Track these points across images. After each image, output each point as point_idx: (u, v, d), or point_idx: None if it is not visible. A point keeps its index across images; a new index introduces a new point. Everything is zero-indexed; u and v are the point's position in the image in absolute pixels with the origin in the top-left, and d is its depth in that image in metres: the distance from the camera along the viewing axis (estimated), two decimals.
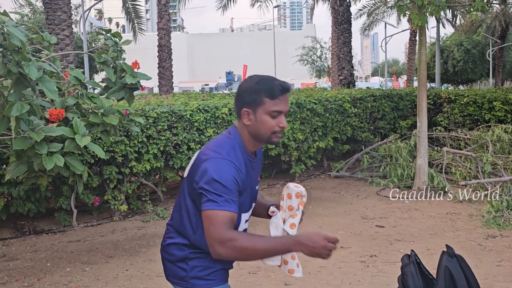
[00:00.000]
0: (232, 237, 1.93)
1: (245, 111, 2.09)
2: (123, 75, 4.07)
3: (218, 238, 1.93)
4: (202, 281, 2.15)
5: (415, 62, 34.93)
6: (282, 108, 2.08)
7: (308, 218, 6.97)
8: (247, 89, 2.09)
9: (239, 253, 1.94)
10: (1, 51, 3.19)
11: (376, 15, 36.13)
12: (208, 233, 1.96)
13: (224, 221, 1.94)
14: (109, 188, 7.07)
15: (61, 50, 12.07)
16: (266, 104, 2.05)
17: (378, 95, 11.23)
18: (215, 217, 1.94)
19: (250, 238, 1.97)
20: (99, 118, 3.82)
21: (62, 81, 4.05)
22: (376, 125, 11.24)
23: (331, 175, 9.91)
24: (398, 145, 9.61)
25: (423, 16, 7.92)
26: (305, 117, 9.41)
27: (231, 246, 1.92)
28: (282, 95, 2.06)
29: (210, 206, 1.95)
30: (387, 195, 8.17)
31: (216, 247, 1.94)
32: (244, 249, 1.94)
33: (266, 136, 2.10)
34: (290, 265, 2.17)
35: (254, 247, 1.95)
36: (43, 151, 3.30)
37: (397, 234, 6.12)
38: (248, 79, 2.14)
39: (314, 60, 45.68)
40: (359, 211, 7.33)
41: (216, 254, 1.96)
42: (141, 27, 25.04)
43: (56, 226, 6.85)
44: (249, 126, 2.10)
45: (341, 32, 18.16)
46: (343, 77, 18.27)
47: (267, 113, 2.06)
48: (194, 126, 7.79)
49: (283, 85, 2.07)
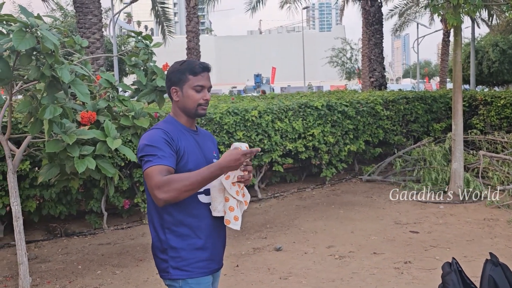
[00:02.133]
0: (166, 179, 2.16)
1: (174, 89, 2.45)
2: (153, 77, 4.10)
3: (155, 185, 2.15)
4: (181, 272, 2.34)
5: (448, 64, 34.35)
6: (204, 83, 2.44)
7: (339, 223, 6.90)
8: (174, 71, 2.46)
9: (177, 190, 2.15)
10: (35, 55, 3.24)
11: (408, 16, 35.66)
12: (149, 187, 2.18)
13: (159, 171, 2.18)
14: (139, 191, 7.13)
15: (91, 53, 12.26)
16: (190, 81, 2.42)
17: (411, 97, 11.07)
18: (151, 172, 2.19)
19: (182, 174, 2.21)
20: (130, 121, 3.84)
21: (93, 84, 4.09)
22: (409, 128, 11.08)
23: (362, 179, 9.80)
24: (432, 148, 9.45)
25: (458, 16, 7.77)
26: (336, 120, 9.33)
27: (167, 187, 2.14)
28: (203, 72, 2.43)
29: (146, 166, 2.22)
30: (421, 200, 8.03)
31: (157, 194, 2.15)
32: (179, 183, 2.15)
33: (193, 108, 2.43)
34: (227, 216, 2.35)
35: (187, 178, 2.17)
36: (75, 153, 3.33)
37: (432, 240, 6.00)
38: (173, 64, 2.52)
39: (344, 62, 45.36)
40: (392, 216, 7.22)
41: (159, 201, 2.16)
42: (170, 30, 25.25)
43: (87, 228, 6.94)
44: (178, 102, 2.45)
45: (372, 33, 17.97)
46: (374, 79, 18.07)
47: (192, 88, 2.42)
48: (223, 129, 7.80)
49: (203, 64, 2.46)
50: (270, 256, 5.65)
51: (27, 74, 3.64)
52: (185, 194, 2.18)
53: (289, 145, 8.60)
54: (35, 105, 3.48)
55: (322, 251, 5.75)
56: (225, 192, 2.34)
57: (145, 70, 4.16)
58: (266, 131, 8.32)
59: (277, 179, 9.43)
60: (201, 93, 2.44)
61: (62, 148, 3.38)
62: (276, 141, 8.40)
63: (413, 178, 9.17)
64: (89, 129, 3.53)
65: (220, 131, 7.79)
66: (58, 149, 3.38)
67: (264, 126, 8.25)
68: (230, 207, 2.34)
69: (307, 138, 8.88)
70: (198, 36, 19.39)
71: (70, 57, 4.35)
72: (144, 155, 2.26)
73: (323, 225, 6.87)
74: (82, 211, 7.19)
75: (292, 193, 8.95)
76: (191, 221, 2.35)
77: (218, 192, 2.35)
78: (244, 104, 8.55)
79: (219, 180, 2.33)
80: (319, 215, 7.39)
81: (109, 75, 3.92)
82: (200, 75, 2.43)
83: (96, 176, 3.71)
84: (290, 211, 7.70)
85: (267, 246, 5.99)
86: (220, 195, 2.35)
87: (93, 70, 5.08)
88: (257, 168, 8.66)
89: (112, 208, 7.38)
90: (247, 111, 8.12)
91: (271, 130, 8.35)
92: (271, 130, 8.34)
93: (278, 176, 9.42)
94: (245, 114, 8.07)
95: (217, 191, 2.35)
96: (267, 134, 8.34)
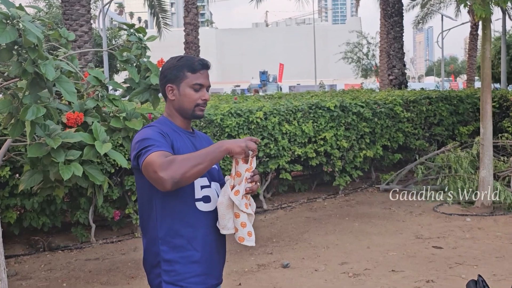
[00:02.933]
0: (171, 158, 2.19)
1: (169, 87, 2.48)
2: (147, 74, 4.10)
3: (160, 167, 2.16)
4: (175, 287, 2.35)
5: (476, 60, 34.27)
6: (203, 82, 2.47)
7: (354, 237, 6.90)
8: (170, 67, 2.49)
9: (185, 166, 2.16)
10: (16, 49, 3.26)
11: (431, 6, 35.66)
12: (152, 172, 2.18)
13: (161, 154, 2.21)
14: (131, 200, 7.15)
15: (79, 47, 12.33)
16: (188, 78, 2.45)
17: (434, 97, 11.07)
18: (151, 159, 2.20)
19: (185, 154, 2.26)
20: (121, 123, 3.85)
21: (81, 81, 4.11)
22: (432, 132, 11.07)
23: (380, 188, 9.79)
24: (458, 154, 9.43)
25: (487, 7, 7.77)
26: (351, 122, 9.34)
27: (173, 165, 2.16)
28: (202, 69, 2.47)
29: (144, 156, 2.23)
30: (445, 212, 8.02)
31: (162, 175, 2.15)
32: (184, 159, 2.18)
33: (190, 109, 2.47)
34: (240, 233, 2.37)
35: (192, 155, 2.21)
36: (60, 159, 3.34)
37: (457, 257, 5.99)
38: (169, 59, 2.55)
39: (359, 57, 45.35)
40: (412, 229, 7.22)
41: (167, 182, 2.15)
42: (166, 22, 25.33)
43: (73, 242, 6.96)
44: (173, 101, 2.49)
45: (392, 25, 17.99)
46: (393, 77, 18.08)
47: (190, 86, 2.45)
48: (225, 132, 7.83)
49: (203, 61, 2.49)
50: (276, 273, 5.66)
51: (8, 71, 3.66)
52: (194, 171, 2.18)
53: (298, 150, 8.61)
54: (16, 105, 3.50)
55: (335, 268, 5.75)
56: (235, 207, 2.36)
57: (138, 67, 4.17)
58: (273, 135, 8.34)
59: (285, 188, 9.43)
60: (199, 93, 2.47)
61: (46, 153, 3.39)
62: (283, 145, 8.41)
63: (437, 187, 9.15)
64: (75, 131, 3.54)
65: (221, 134, 7.82)
66: (41, 154, 3.39)
67: (270, 129, 8.26)
68: (242, 223, 2.37)
69: (318, 143, 8.89)
70: (197, 29, 19.46)
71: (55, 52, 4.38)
72: (140, 149, 2.28)
73: (336, 239, 6.87)
74: (67, 223, 7.22)
75: (301, 204, 8.95)
76: (187, 231, 2.37)
77: (226, 209, 2.37)
78: (248, 105, 8.58)
79: (227, 196, 2.36)
80: (331, 229, 7.39)
81: (98, 71, 3.94)
82: (199, 73, 2.47)
83: (83, 184, 3.73)
84: (299, 224, 7.70)
85: (273, 263, 5.99)
86: (228, 212, 2.38)
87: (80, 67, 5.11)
88: (262, 176, 8.68)
89: (101, 219, 7.40)
90: (252, 112, 8.14)
91: (278, 134, 8.36)
92: (278, 134, 8.35)
93: (286, 185, 9.43)
94: (249, 115, 8.09)
95: (225, 207, 2.37)
96: (273, 138, 8.35)
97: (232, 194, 2.33)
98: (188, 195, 2.38)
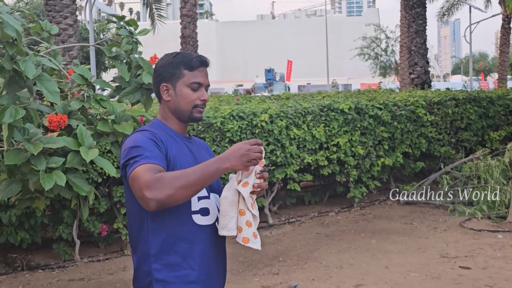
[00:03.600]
0: (158, 176, 2.19)
1: (164, 86, 2.49)
2: (139, 72, 4.12)
3: (145, 184, 2.17)
4: None
5: (509, 56, 34.24)
6: (202, 81, 2.49)
7: (370, 256, 6.88)
8: (165, 64, 2.50)
9: (172, 187, 2.16)
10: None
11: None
12: (138, 189, 2.20)
13: (149, 169, 2.21)
14: (120, 214, 7.16)
15: (62, 42, 12.38)
16: (185, 77, 2.47)
17: (461, 98, 11.04)
18: (137, 173, 2.21)
19: (175, 171, 2.26)
20: (109, 126, 3.85)
21: (65, 80, 4.12)
22: (458, 137, 11.05)
23: (400, 200, 9.77)
24: (488, 162, 9.40)
25: None
26: (367, 127, 9.33)
27: (159, 184, 2.16)
28: (201, 67, 2.50)
29: (131, 168, 2.25)
30: (474, 228, 7.99)
31: (147, 194, 2.15)
32: (174, 178, 2.18)
33: (188, 110, 2.48)
34: (244, 233, 2.35)
35: (183, 173, 2.21)
36: (41, 166, 3.35)
37: (487, 279, 5.97)
38: (164, 56, 2.56)
39: (377, 54, 45.33)
40: (437, 247, 7.19)
41: (151, 202, 2.16)
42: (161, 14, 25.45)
43: (55, 260, 6.96)
44: (169, 102, 2.50)
45: (413, 18, 17.99)
46: (415, 76, 18.07)
47: (187, 85, 2.47)
48: (226, 137, 7.83)
49: (202, 58, 2.51)
50: None
51: None
52: (181, 193, 2.18)
53: (308, 157, 8.61)
54: None
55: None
56: (240, 203, 2.34)
57: (129, 64, 4.19)
58: (279, 140, 8.34)
59: (293, 200, 9.42)
60: (197, 92, 2.49)
61: (25, 160, 3.40)
62: (291, 152, 8.41)
63: (464, 200, 9.13)
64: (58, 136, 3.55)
65: (222, 139, 7.82)
66: (20, 161, 3.40)
67: (276, 133, 8.27)
68: (248, 222, 2.35)
69: (331, 149, 8.89)
70: (195, 22, 19.50)
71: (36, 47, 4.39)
72: (129, 159, 2.30)
73: (350, 258, 6.85)
74: (48, 238, 7.22)
75: (312, 218, 8.94)
76: (182, 248, 2.37)
77: (230, 205, 2.35)
78: (251, 106, 8.58)
79: (232, 190, 2.35)
80: (345, 246, 7.37)
81: (84, 69, 3.94)
82: (197, 70, 2.49)
83: (67, 195, 3.73)
84: (308, 241, 7.69)
85: (279, 284, 5.98)
86: (232, 209, 2.35)
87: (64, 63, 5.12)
88: (267, 187, 8.66)
89: (86, 235, 7.40)
90: (256, 115, 8.15)
91: (286, 139, 8.37)
92: (285, 139, 8.36)
93: (294, 197, 9.42)
94: (253, 118, 8.10)
95: (229, 203, 2.35)
96: (280, 144, 8.36)
97: (240, 186, 2.32)
98: (184, 207, 2.37)
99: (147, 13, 25.59)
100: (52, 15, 12.44)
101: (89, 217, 7.03)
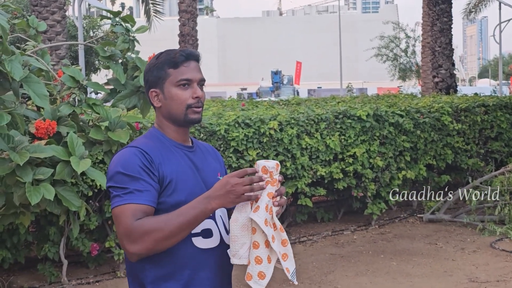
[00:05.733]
0: (139, 224, 2.20)
1: (153, 92, 2.49)
2: (135, 74, 4.10)
3: (124, 233, 2.21)
4: None
5: None
6: (191, 76, 2.46)
7: (391, 279, 6.85)
8: (150, 68, 2.51)
9: (152, 241, 2.20)
10: None
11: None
12: (118, 234, 2.26)
13: (131, 213, 2.23)
14: (112, 231, 7.14)
15: (49, 40, 12.41)
16: (171, 76, 2.45)
17: (491, 104, 11.03)
18: (120, 214, 2.25)
19: (159, 217, 2.25)
20: (102, 134, 3.84)
21: (54, 82, 4.11)
22: (488, 148, 11.03)
23: (423, 218, 9.74)
24: None
25: None
26: (387, 136, 9.31)
27: (140, 233, 2.19)
28: (186, 61, 2.47)
29: (114, 203, 2.28)
30: (506, 249, 7.96)
31: (126, 245, 2.21)
32: (155, 229, 2.20)
33: (181, 113, 2.45)
34: (250, 268, 2.29)
35: (165, 222, 2.22)
36: (27, 178, 3.33)
37: None
38: (150, 60, 2.58)
39: (396, 55, 45.37)
40: (465, 270, 7.17)
41: (131, 255, 2.23)
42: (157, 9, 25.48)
43: (40, 282, 6.94)
44: (161, 108, 2.50)
45: (438, 15, 18.01)
46: (439, 79, 18.07)
47: (175, 85, 2.45)
48: (230, 146, 7.82)
49: (185, 51, 2.50)
50: None
51: None
52: (164, 244, 2.22)
53: (321, 169, 8.59)
54: None
55: None
56: (257, 234, 2.26)
57: (125, 64, 4.18)
58: (290, 150, 8.33)
59: (304, 217, 9.39)
60: (188, 90, 2.47)
61: (10, 171, 3.38)
62: (303, 164, 8.40)
63: (495, 218, 9.10)
64: (46, 144, 3.54)
65: (226, 149, 7.81)
66: (3, 172, 3.38)
67: (286, 143, 8.26)
68: (257, 258, 2.29)
69: (346, 161, 8.87)
70: (195, 18, 19.58)
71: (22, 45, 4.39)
72: (113, 186, 2.33)
73: (369, 282, 6.83)
74: (33, 258, 7.20)
75: (325, 237, 8.91)
76: (182, 274, 2.35)
77: (240, 230, 2.29)
78: (258, 113, 8.57)
79: (244, 213, 2.30)
80: (363, 268, 7.35)
81: (75, 70, 3.93)
82: (183, 66, 2.46)
83: (55, 210, 3.71)
84: (322, 262, 7.67)
85: None
86: (244, 234, 2.29)
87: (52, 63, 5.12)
88: None
89: (75, 254, 7.39)
90: (263, 122, 8.14)
91: (296, 149, 8.35)
92: (296, 149, 8.35)
93: (306, 213, 9.39)
94: (261, 126, 8.09)
95: (240, 227, 2.30)
96: (290, 154, 8.35)
97: (252, 213, 2.26)
98: None
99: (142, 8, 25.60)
100: (38, 10, 12.49)
101: (78, 234, 7.00)
